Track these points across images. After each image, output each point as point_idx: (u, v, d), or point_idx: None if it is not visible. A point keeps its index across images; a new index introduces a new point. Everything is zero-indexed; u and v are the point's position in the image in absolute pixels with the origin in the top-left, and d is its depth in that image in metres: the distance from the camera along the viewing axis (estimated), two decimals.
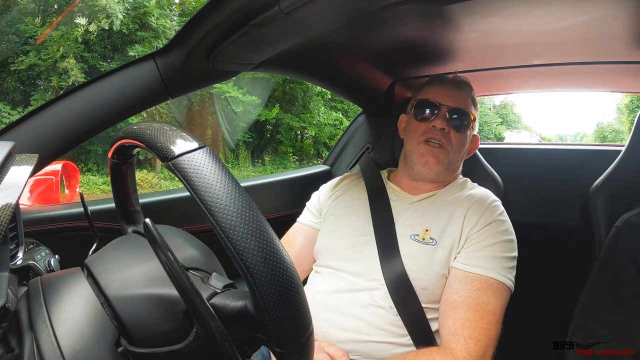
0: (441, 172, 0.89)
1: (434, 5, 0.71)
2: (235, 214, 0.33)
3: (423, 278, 0.79)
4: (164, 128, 0.39)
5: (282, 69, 1.05)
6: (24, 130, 0.70)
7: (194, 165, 0.34)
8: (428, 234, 0.83)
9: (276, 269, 0.33)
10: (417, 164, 0.89)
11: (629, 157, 1.01)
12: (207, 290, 0.38)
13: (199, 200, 0.33)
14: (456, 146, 0.89)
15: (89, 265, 0.41)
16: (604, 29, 0.80)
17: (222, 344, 0.34)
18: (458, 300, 0.75)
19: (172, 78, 0.78)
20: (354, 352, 0.79)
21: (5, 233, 0.33)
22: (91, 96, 0.73)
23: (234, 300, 0.36)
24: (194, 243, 0.45)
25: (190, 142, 0.36)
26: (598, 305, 0.85)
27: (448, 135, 0.88)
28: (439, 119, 0.88)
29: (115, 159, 0.54)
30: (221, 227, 0.32)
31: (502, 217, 0.85)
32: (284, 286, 0.33)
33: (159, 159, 0.37)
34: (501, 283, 0.77)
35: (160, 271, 0.35)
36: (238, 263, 0.32)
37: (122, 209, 0.63)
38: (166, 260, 0.33)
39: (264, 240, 0.33)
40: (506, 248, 0.81)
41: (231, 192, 0.33)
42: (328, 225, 0.95)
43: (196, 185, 0.33)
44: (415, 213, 0.88)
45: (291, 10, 0.58)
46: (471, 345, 0.70)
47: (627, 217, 0.89)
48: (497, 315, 0.74)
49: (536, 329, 1.25)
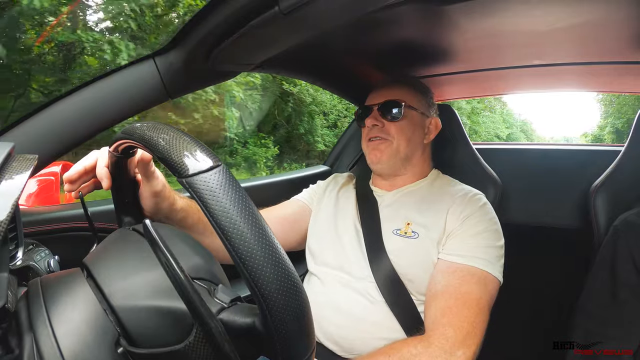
0: (393, 161, 0.92)
1: (434, 5, 0.71)
2: (252, 240, 0.32)
3: (409, 271, 0.81)
4: (179, 140, 0.37)
5: (282, 69, 1.05)
6: (24, 130, 0.70)
7: (209, 187, 0.33)
8: (410, 227, 0.85)
9: (290, 295, 0.33)
10: (371, 163, 0.95)
11: (628, 157, 1.01)
12: (215, 305, 0.38)
13: (215, 223, 0.32)
14: (397, 134, 0.91)
15: (88, 266, 0.40)
16: (604, 29, 0.80)
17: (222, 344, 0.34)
18: (439, 289, 0.76)
19: (172, 78, 0.78)
20: (352, 350, 0.79)
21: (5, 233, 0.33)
22: (91, 97, 0.73)
23: (242, 316, 0.36)
24: (198, 249, 0.45)
25: (206, 159, 0.35)
26: (598, 305, 0.85)
27: (385, 129, 0.91)
28: (370, 118, 0.92)
29: (117, 153, 0.53)
30: (238, 253, 0.32)
31: (485, 207, 0.86)
32: (295, 311, 0.33)
33: (173, 173, 0.36)
34: (485, 272, 0.76)
35: (166, 281, 0.34)
36: (253, 289, 0.32)
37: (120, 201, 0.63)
38: (172, 271, 0.33)
39: (279, 268, 0.33)
40: (490, 237, 0.81)
41: (248, 217, 0.33)
42: (319, 225, 0.97)
43: (212, 208, 0.33)
44: (395, 207, 0.90)
45: (291, 11, 0.58)
46: (449, 331, 0.70)
47: (625, 217, 0.90)
48: (480, 304, 0.73)
49: (536, 328, 1.25)
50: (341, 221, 0.94)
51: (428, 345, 0.69)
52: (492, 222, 0.84)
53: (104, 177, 0.58)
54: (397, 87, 0.95)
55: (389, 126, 0.91)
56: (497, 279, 0.78)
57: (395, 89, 0.94)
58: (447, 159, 1.10)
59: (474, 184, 0.96)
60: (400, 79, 0.98)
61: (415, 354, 0.68)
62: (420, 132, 0.94)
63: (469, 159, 1.13)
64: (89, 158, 0.61)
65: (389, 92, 0.94)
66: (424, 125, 0.95)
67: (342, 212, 0.96)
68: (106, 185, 0.59)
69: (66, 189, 0.61)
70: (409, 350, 0.69)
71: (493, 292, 0.77)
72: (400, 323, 0.79)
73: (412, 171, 0.95)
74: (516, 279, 0.81)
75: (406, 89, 0.94)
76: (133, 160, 0.61)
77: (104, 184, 0.59)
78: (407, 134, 0.91)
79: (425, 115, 0.95)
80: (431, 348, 0.68)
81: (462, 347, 0.68)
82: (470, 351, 0.69)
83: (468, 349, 0.68)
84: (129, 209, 0.64)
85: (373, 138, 0.93)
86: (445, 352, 0.68)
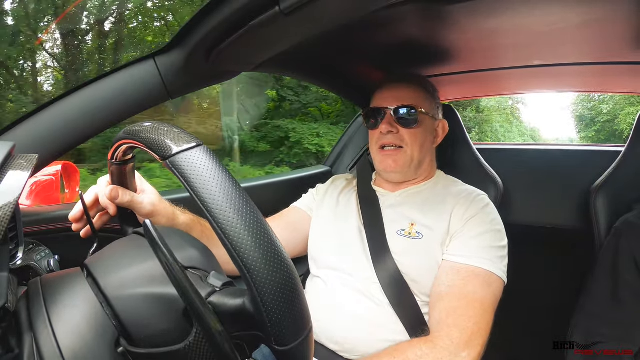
0: (406, 169, 0.91)
1: (435, 5, 0.71)
2: (232, 210, 0.33)
3: (414, 272, 0.81)
4: (161, 127, 0.39)
5: (282, 69, 1.05)
6: (24, 130, 0.70)
7: (191, 163, 0.35)
8: (414, 228, 0.85)
9: (274, 265, 0.33)
10: (382, 170, 0.93)
11: (629, 158, 1.01)
12: (206, 288, 0.38)
13: (197, 197, 0.33)
14: (411, 142, 0.89)
15: (88, 266, 0.41)
16: (604, 29, 0.80)
17: (222, 344, 0.34)
18: (444, 290, 0.76)
19: (172, 78, 0.78)
20: (354, 351, 0.79)
21: (5, 233, 0.33)
22: (91, 96, 0.73)
23: (232, 297, 0.36)
24: (194, 243, 0.45)
25: (187, 140, 0.37)
26: (598, 305, 0.85)
27: (399, 135, 0.89)
28: (385, 124, 0.89)
29: (115, 161, 0.54)
30: (218, 223, 0.32)
31: (488, 208, 0.86)
32: (281, 283, 0.33)
33: (157, 157, 0.37)
34: (489, 272, 0.76)
35: (159, 270, 0.35)
36: (235, 259, 0.32)
37: (123, 211, 0.64)
38: (165, 259, 0.33)
39: (261, 237, 0.33)
40: (494, 238, 0.81)
41: (228, 189, 0.34)
42: (321, 228, 0.96)
43: (193, 183, 0.34)
44: (399, 209, 0.90)
45: (292, 11, 0.58)
46: (455, 333, 0.69)
47: (626, 218, 0.90)
48: (485, 305, 0.73)
49: (536, 329, 1.25)
50: (343, 223, 0.93)
51: (433, 347, 0.69)
52: (495, 223, 0.84)
53: (109, 205, 0.62)
54: (409, 88, 0.92)
55: (403, 132, 0.89)
56: (501, 279, 0.78)
57: (407, 89, 0.91)
58: (449, 159, 1.10)
59: (475, 184, 0.96)
60: (410, 78, 0.95)
61: (420, 355, 0.68)
62: (431, 137, 0.93)
63: (470, 159, 1.13)
64: (89, 194, 0.64)
65: (400, 93, 0.91)
66: (434, 128, 0.94)
67: (344, 214, 0.95)
68: (112, 212, 0.63)
69: (74, 228, 0.64)
70: (414, 351, 0.69)
71: (497, 292, 0.77)
72: (404, 324, 0.78)
73: (421, 175, 0.95)
74: (516, 279, 0.80)
75: (418, 91, 0.92)
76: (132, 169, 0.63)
77: (110, 211, 0.63)
78: (421, 141, 0.90)
79: (434, 118, 0.94)
80: (436, 349, 0.68)
81: (467, 348, 0.68)
82: (475, 352, 0.69)
83: (473, 350, 0.68)
84: (133, 220, 0.65)
85: (387, 146, 0.90)
86: (451, 354, 0.67)
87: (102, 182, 0.64)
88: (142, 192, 0.67)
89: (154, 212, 0.67)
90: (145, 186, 0.69)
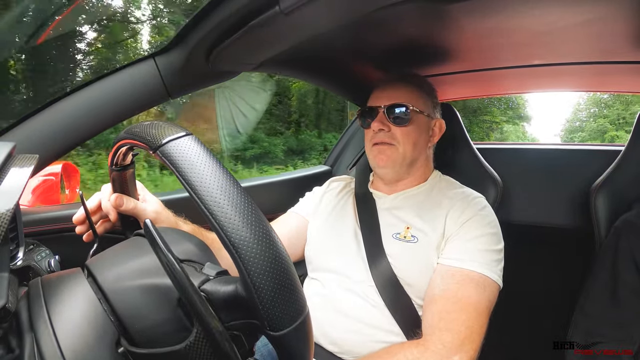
0: (397, 166, 0.90)
1: (434, 5, 0.71)
2: (218, 190, 0.34)
3: (408, 275, 0.80)
4: (152, 123, 0.41)
5: (282, 69, 1.05)
6: (24, 130, 0.70)
7: (180, 151, 0.36)
8: (409, 231, 0.84)
9: (263, 243, 0.32)
10: (375, 167, 0.93)
11: (629, 158, 1.01)
12: (200, 277, 0.38)
13: (185, 182, 0.34)
14: (403, 140, 0.89)
15: (89, 266, 0.41)
16: (604, 28, 0.80)
17: (222, 342, 0.34)
18: (437, 293, 0.75)
19: (172, 78, 0.78)
20: (351, 352, 0.79)
21: (6, 233, 0.33)
22: (91, 96, 0.73)
23: (224, 285, 0.36)
24: (190, 238, 0.45)
25: (176, 130, 0.39)
26: (598, 305, 0.85)
27: (391, 133, 0.89)
28: (376, 122, 0.89)
29: (116, 167, 0.55)
30: (205, 204, 0.33)
31: (484, 211, 0.85)
32: (271, 261, 0.32)
33: (149, 150, 0.38)
34: (484, 276, 0.76)
35: (154, 263, 0.35)
36: (223, 239, 0.32)
37: (126, 218, 0.65)
38: (161, 251, 0.33)
39: (249, 215, 0.33)
40: (489, 241, 0.80)
41: (215, 172, 0.35)
42: (318, 230, 0.96)
43: (182, 169, 0.35)
44: (395, 212, 0.89)
45: (291, 11, 0.58)
46: (446, 336, 0.69)
47: (626, 217, 0.90)
48: (479, 309, 0.73)
49: (536, 329, 1.25)
50: (340, 225, 0.93)
51: (424, 350, 0.68)
52: (491, 226, 0.83)
53: (110, 210, 0.64)
54: (403, 87, 0.92)
55: (395, 130, 0.89)
56: (496, 283, 0.77)
57: (401, 89, 0.91)
58: (448, 159, 1.10)
59: (475, 184, 0.96)
60: (406, 78, 0.95)
61: (411, 359, 0.68)
62: (425, 135, 0.93)
63: (469, 159, 1.13)
64: (92, 200, 0.66)
65: (394, 92, 0.91)
66: (429, 127, 0.94)
67: (340, 216, 0.95)
68: (113, 218, 0.65)
69: (78, 230, 0.66)
70: (404, 354, 0.69)
71: (492, 296, 0.76)
72: (400, 326, 0.78)
73: (414, 175, 0.94)
74: (516, 279, 0.80)
75: (412, 90, 0.92)
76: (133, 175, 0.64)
77: (111, 217, 0.65)
78: (414, 139, 0.90)
79: (430, 117, 0.93)
80: (427, 353, 0.68)
81: (459, 352, 0.68)
82: (468, 356, 0.68)
83: (465, 354, 0.68)
84: (136, 227, 0.65)
85: (379, 143, 0.90)
86: (442, 357, 0.67)
87: (105, 189, 0.65)
88: (145, 202, 0.68)
89: (156, 220, 0.68)
90: (148, 196, 0.70)
